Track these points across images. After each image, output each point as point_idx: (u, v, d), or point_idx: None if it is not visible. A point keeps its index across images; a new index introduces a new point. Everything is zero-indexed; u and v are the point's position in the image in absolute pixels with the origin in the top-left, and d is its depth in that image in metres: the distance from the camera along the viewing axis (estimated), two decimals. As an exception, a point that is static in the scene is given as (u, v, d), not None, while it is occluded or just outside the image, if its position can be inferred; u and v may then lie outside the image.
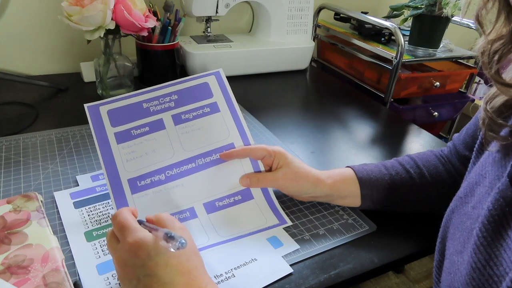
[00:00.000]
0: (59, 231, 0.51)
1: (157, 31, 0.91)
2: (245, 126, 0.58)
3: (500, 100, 0.39)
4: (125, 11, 0.76)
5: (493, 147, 0.40)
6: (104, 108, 0.55)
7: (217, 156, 0.56)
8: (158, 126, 0.56)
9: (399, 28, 1.05)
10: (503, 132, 0.39)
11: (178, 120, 0.57)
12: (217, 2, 1.00)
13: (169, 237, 0.37)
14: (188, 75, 0.60)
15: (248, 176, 0.56)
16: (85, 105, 0.55)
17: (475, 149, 0.45)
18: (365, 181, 0.55)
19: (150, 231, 0.40)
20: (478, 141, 0.45)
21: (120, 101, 0.56)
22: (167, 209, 0.53)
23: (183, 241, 0.37)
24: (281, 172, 0.54)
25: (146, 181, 0.53)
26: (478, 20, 0.36)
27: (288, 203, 0.59)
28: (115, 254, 0.40)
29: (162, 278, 0.37)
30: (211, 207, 0.54)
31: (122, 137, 0.54)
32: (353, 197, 0.55)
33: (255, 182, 0.55)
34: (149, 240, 0.38)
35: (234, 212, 0.54)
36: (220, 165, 0.56)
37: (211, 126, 0.57)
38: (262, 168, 0.57)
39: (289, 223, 0.54)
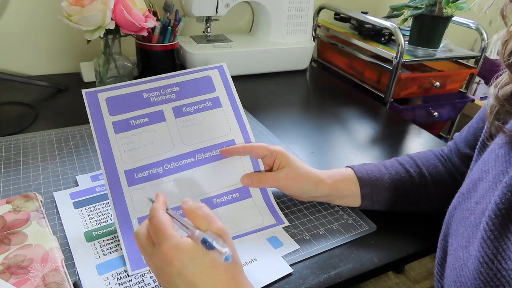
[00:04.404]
0: (59, 231, 0.51)
1: (157, 31, 0.91)
2: (246, 123, 0.58)
3: (510, 88, 0.40)
4: (125, 11, 0.76)
5: (497, 141, 0.41)
6: (103, 95, 0.54)
7: (217, 152, 0.55)
8: (158, 117, 0.55)
9: (399, 28, 1.05)
10: (509, 124, 0.40)
11: (179, 112, 0.56)
12: (217, 2, 1.00)
13: (208, 247, 0.36)
14: (188, 75, 0.59)
15: (249, 175, 0.55)
16: (83, 91, 0.53)
17: (477, 146, 0.45)
18: (365, 181, 0.55)
19: (182, 226, 0.39)
20: (480, 138, 0.45)
21: (119, 89, 0.54)
22: None
23: (228, 256, 0.36)
24: (283, 172, 0.54)
25: (144, 174, 0.52)
26: (502, 14, 0.40)
27: (288, 203, 0.59)
28: (151, 260, 0.39)
29: (202, 286, 0.36)
30: (208, 204, 0.53)
31: (121, 127, 0.53)
32: (353, 197, 0.55)
33: (256, 181, 0.55)
34: (183, 248, 0.37)
35: (231, 211, 0.54)
36: (219, 161, 0.55)
37: (212, 121, 0.57)
38: (262, 167, 0.57)
39: (286, 223, 0.54)
